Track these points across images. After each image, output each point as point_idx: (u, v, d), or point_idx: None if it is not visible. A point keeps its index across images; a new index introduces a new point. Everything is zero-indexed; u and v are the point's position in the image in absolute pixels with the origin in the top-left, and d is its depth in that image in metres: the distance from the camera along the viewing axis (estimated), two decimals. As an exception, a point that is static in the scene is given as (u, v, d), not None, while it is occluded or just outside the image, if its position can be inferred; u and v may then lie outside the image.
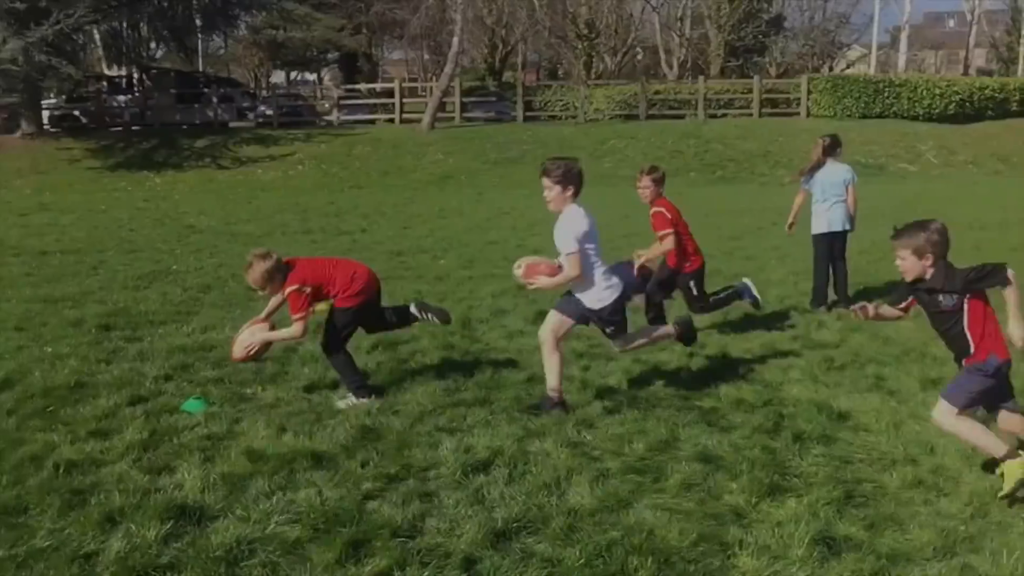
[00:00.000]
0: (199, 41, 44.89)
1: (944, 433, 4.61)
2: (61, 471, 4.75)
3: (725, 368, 6.73)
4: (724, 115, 33.58)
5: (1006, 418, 4.60)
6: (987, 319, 4.41)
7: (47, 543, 3.96)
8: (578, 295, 5.67)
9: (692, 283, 7.61)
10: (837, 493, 4.46)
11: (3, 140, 30.81)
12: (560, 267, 5.57)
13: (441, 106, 33.12)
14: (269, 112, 35.85)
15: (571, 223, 5.50)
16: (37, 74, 28.06)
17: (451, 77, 33.62)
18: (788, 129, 30.41)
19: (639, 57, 55.82)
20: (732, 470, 4.77)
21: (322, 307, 9.13)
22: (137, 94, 36.95)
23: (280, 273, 5.77)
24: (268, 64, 58.72)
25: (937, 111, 32.24)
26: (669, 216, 7.36)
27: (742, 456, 4.95)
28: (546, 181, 5.57)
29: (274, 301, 6.10)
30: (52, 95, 38.92)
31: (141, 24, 33.52)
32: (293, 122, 35.23)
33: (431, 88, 37.08)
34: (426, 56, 57.63)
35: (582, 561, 3.83)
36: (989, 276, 4.32)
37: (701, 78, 36.40)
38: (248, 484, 4.60)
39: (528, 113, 34.52)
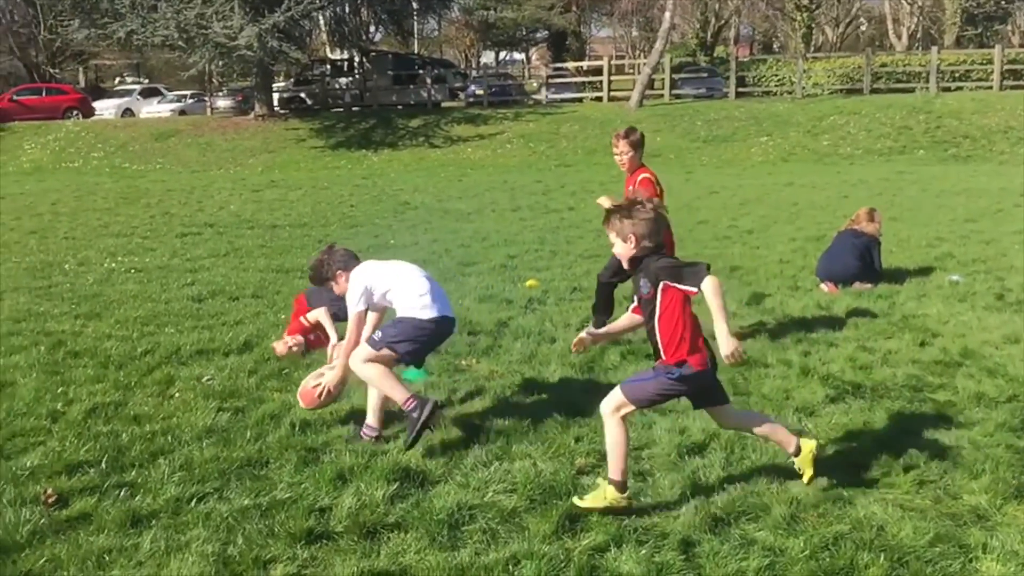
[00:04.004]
0: (415, 24, 46.66)
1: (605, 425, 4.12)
2: (297, 429, 5.09)
3: (962, 360, 6.23)
4: (959, 88, 31.18)
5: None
6: (685, 323, 3.94)
7: (287, 495, 4.24)
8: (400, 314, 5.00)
9: None
10: (1098, 501, 4.05)
11: (239, 121, 33.37)
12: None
13: (650, 83, 32.72)
14: (479, 92, 36.89)
15: (348, 290, 5.06)
16: (269, 59, 30.06)
17: (661, 53, 33.11)
18: (1032, 103, 27.86)
19: (863, 28, 52.96)
20: (972, 469, 4.41)
21: (532, 282, 9.27)
22: (357, 76, 38.93)
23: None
24: (479, 44, 60.29)
25: None
26: (659, 187, 6.79)
27: (984, 454, 4.57)
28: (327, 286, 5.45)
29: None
30: (281, 78, 41.74)
31: (362, 9, 35.28)
32: (502, 101, 36.01)
33: (639, 65, 36.80)
34: (635, 33, 57.16)
35: (806, 553, 3.66)
36: (685, 275, 3.86)
37: (934, 48, 33.85)
38: (466, 453, 4.74)
39: (740, 89, 33.51)
